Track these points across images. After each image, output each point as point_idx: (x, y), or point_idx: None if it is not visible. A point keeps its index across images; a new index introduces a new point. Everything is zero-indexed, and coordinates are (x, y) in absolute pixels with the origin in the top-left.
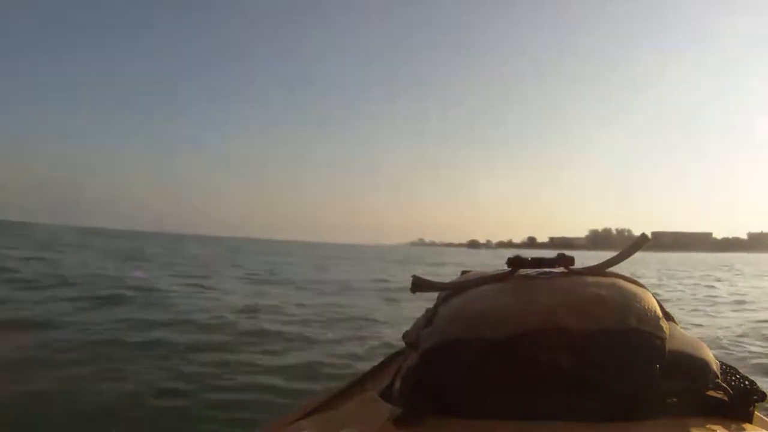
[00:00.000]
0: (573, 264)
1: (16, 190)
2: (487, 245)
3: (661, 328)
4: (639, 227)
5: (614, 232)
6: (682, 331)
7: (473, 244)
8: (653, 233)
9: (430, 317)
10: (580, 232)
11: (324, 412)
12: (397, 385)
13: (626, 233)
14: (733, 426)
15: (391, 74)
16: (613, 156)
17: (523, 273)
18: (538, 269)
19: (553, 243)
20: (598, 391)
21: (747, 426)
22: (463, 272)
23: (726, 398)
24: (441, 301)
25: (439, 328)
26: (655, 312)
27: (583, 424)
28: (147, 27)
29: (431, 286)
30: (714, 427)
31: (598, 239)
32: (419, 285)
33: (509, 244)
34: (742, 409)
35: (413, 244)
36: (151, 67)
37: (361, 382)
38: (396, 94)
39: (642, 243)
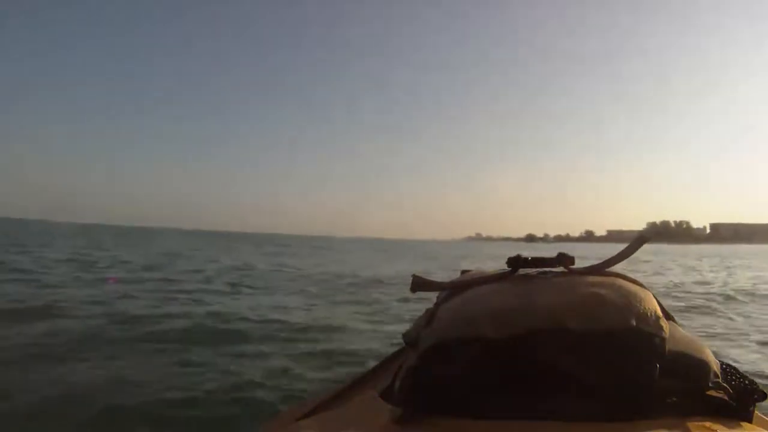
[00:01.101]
0: (573, 263)
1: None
2: (545, 239)
3: (661, 327)
4: (698, 219)
5: (672, 224)
6: (682, 330)
7: (530, 238)
8: (712, 225)
9: (430, 317)
10: (639, 224)
11: (324, 412)
12: (397, 385)
13: (684, 225)
14: (734, 426)
15: (454, 80)
16: (672, 147)
17: (523, 273)
18: (538, 269)
19: (611, 236)
20: (598, 391)
21: (747, 426)
22: (463, 272)
23: (726, 398)
24: (441, 301)
25: (439, 328)
26: (655, 312)
27: (583, 424)
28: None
29: (431, 286)
30: (714, 427)
31: (656, 232)
32: (419, 285)
33: (566, 238)
34: (742, 408)
35: (470, 239)
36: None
37: (361, 382)
38: (449, 94)
39: (641, 243)
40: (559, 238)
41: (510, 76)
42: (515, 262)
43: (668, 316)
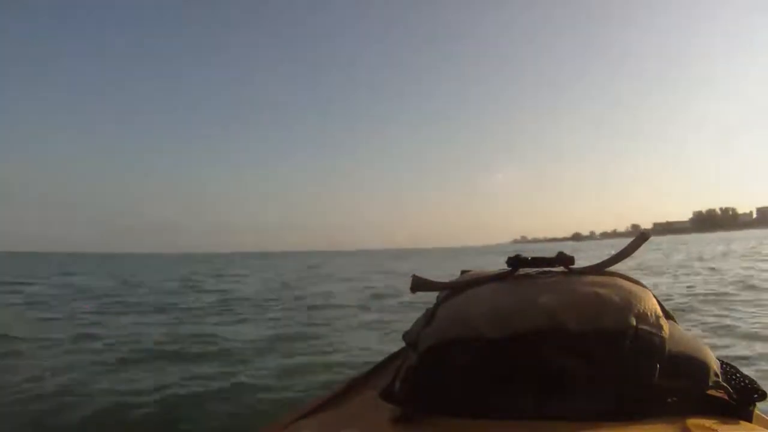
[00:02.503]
0: (573, 263)
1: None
2: (591, 237)
3: (662, 327)
4: (745, 204)
5: (719, 211)
6: (682, 330)
7: (577, 237)
8: (759, 209)
9: (429, 317)
10: (684, 214)
11: (324, 412)
12: (397, 385)
13: (731, 212)
14: (734, 425)
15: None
16: (715, 133)
17: (522, 272)
18: (537, 268)
19: (657, 229)
20: (598, 391)
21: (747, 425)
22: (463, 272)
23: (726, 398)
24: (441, 301)
25: (438, 328)
26: (656, 311)
27: (583, 423)
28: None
29: (431, 286)
30: (714, 426)
31: (703, 221)
32: (419, 285)
33: (613, 234)
34: (742, 408)
35: (516, 241)
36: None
37: (361, 382)
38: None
39: (642, 240)
40: (606, 235)
41: (529, 75)
42: (515, 261)
43: (668, 316)
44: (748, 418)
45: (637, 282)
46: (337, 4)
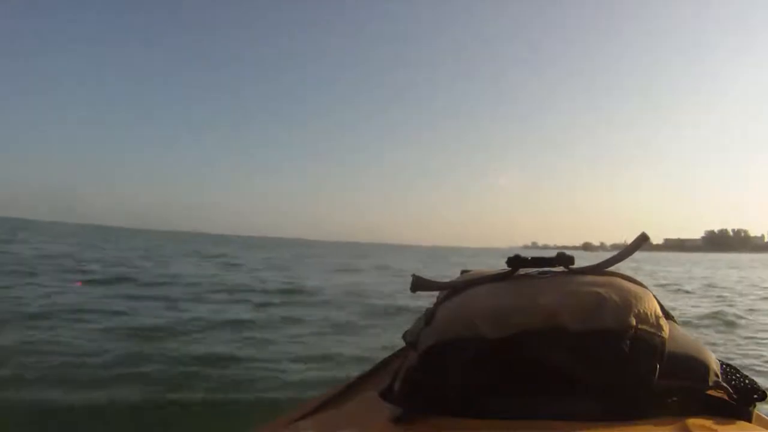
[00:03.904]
0: (573, 263)
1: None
2: (602, 247)
3: (661, 327)
4: (757, 227)
5: (731, 233)
6: (682, 330)
7: (587, 247)
8: None
9: (429, 317)
10: (696, 232)
11: (324, 412)
12: (397, 385)
13: (743, 234)
14: (734, 426)
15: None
16: (728, 152)
17: (523, 273)
18: (538, 269)
19: (668, 245)
20: (598, 391)
21: (747, 425)
22: (463, 272)
23: (726, 398)
24: (441, 301)
25: (438, 328)
26: (655, 311)
27: (583, 423)
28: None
29: (431, 286)
30: (714, 426)
31: (714, 240)
32: (419, 285)
33: (624, 246)
34: (742, 408)
35: (526, 247)
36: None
37: (361, 382)
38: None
39: (641, 242)
40: (616, 247)
41: (532, 84)
42: (515, 261)
43: (668, 316)
44: (748, 418)
45: (637, 282)
46: (343, 7)
